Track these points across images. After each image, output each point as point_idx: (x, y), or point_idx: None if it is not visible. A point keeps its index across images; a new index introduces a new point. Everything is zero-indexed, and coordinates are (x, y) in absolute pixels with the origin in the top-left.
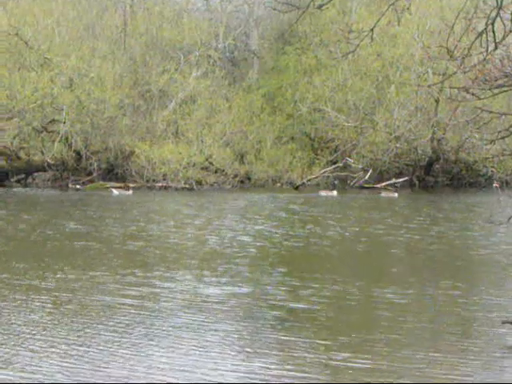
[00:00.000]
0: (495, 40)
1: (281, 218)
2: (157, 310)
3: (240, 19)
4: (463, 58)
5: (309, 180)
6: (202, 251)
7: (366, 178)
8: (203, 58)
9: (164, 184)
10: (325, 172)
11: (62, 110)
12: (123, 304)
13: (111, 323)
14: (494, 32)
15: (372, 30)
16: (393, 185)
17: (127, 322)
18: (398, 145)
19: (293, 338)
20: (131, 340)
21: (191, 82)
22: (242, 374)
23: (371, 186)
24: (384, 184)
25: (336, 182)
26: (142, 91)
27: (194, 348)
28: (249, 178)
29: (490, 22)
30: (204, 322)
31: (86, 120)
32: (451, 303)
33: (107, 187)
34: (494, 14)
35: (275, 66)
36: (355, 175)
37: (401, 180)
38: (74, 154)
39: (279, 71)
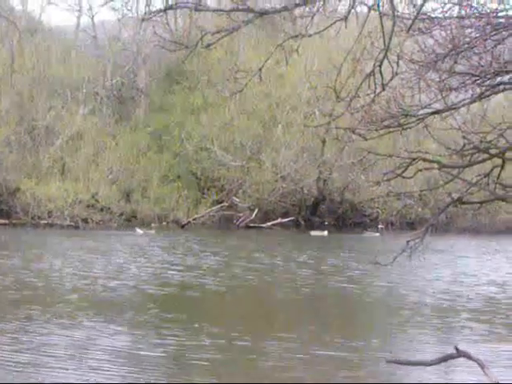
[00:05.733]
0: (383, 82)
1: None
2: None
3: (128, 57)
4: (350, 99)
5: (194, 219)
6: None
7: (252, 217)
8: (90, 95)
9: (49, 221)
10: (211, 211)
11: None
12: None
13: None
14: (381, 74)
15: (260, 69)
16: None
17: None
18: (284, 185)
19: None
20: None
21: (78, 119)
22: None
23: (257, 225)
24: (271, 223)
25: (326, 223)
26: (29, 128)
27: None
28: (135, 217)
29: (377, 64)
30: None
31: None
32: (337, 344)
33: None
34: (381, 56)
35: (162, 105)
36: (241, 214)
37: (286, 220)
38: None
39: (166, 110)
